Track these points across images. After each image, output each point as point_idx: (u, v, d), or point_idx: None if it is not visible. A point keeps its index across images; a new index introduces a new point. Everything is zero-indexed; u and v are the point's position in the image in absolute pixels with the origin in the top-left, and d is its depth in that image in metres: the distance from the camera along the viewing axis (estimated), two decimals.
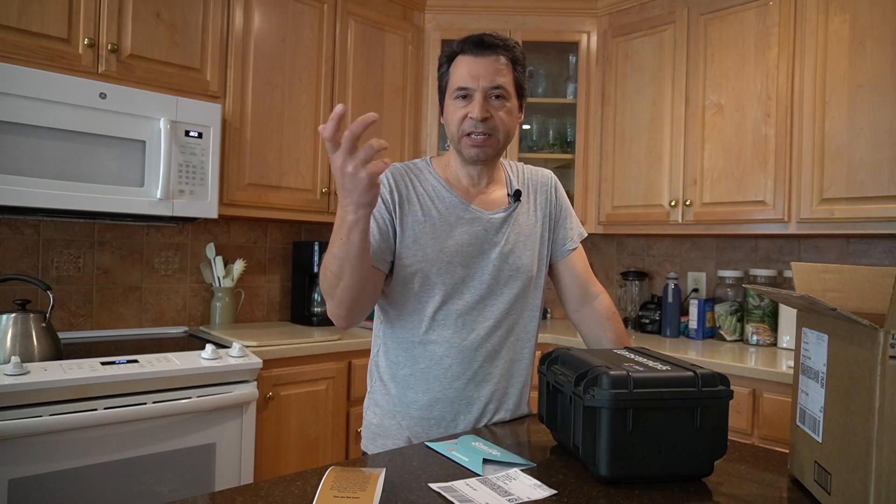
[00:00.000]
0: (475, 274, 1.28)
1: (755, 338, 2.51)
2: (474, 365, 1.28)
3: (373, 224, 1.24)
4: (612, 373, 0.92)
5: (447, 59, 1.30)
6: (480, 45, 1.25)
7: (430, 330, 1.28)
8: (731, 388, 0.96)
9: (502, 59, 1.26)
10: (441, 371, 1.28)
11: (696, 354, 2.25)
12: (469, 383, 1.28)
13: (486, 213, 1.31)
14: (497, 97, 1.25)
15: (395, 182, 1.29)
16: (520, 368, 1.35)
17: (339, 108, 0.95)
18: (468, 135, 1.26)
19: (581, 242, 1.45)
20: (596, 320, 1.40)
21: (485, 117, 1.23)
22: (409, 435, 1.29)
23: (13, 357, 1.63)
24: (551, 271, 1.43)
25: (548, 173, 1.45)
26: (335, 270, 1.12)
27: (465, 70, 1.25)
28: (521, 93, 1.31)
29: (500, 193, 1.36)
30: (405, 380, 1.30)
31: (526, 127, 3.08)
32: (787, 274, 2.55)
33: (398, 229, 1.27)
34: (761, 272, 2.57)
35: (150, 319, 2.48)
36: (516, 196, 1.35)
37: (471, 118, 1.24)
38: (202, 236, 2.61)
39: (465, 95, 1.25)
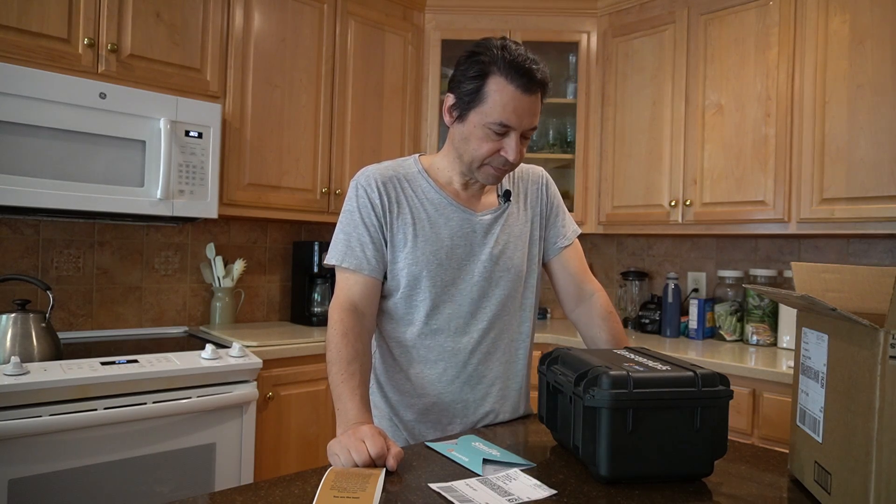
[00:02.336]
0: (466, 276, 1.27)
1: (755, 338, 2.51)
2: (469, 368, 1.27)
3: (364, 234, 1.24)
4: (612, 373, 0.92)
5: (481, 74, 1.17)
6: (532, 80, 1.16)
7: (422, 333, 1.26)
8: (731, 388, 0.95)
9: (540, 96, 1.20)
10: (436, 375, 1.27)
11: (696, 354, 2.25)
12: (464, 386, 1.27)
13: (476, 214, 1.29)
14: (527, 136, 1.22)
15: (384, 185, 1.26)
16: (515, 370, 1.34)
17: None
18: (493, 167, 1.22)
19: (581, 242, 1.43)
20: (592, 320, 1.38)
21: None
22: (407, 436, 1.29)
23: (13, 357, 1.63)
24: (546, 269, 1.42)
25: (539, 170, 1.42)
26: (329, 380, 1.18)
27: (511, 106, 1.16)
28: None
29: (490, 195, 1.34)
30: (400, 384, 1.29)
31: None
32: (787, 274, 2.55)
33: (388, 234, 1.25)
34: (761, 272, 2.57)
35: (150, 319, 2.48)
36: (506, 196, 1.33)
37: (502, 154, 1.19)
38: (202, 236, 2.61)
39: (504, 133, 1.19)
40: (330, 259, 1.26)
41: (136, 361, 1.82)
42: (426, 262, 1.24)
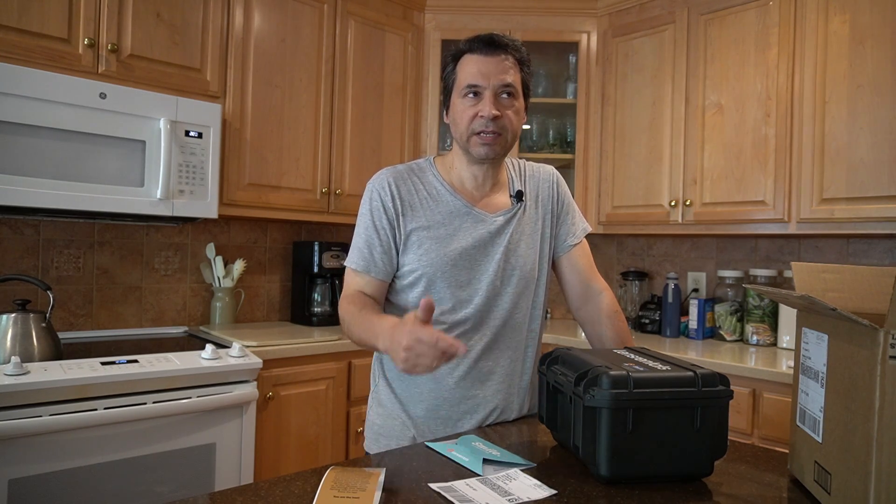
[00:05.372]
0: (481, 277, 1.29)
1: (755, 338, 2.51)
2: (479, 364, 1.29)
3: (374, 237, 1.28)
4: (612, 373, 0.92)
5: (454, 59, 1.29)
6: (491, 44, 1.25)
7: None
8: (731, 388, 0.95)
9: (511, 59, 1.26)
10: (447, 370, 1.28)
11: (696, 354, 2.25)
12: (474, 383, 1.29)
13: (490, 215, 1.31)
14: (506, 95, 1.25)
15: (398, 187, 1.29)
16: (524, 367, 1.35)
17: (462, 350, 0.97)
18: (478, 133, 1.25)
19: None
20: (598, 318, 1.39)
21: (495, 115, 1.22)
22: (415, 434, 1.29)
23: (13, 357, 1.63)
24: (554, 267, 1.43)
25: (549, 169, 1.44)
26: (357, 341, 1.21)
27: (475, 68, 1.24)
28: (526, 93, 1.31)
29: (503, 196, 1.36)
30: (410, 380, 1.31)
31: (526, 127, 3.08)
32: (787, 274, 2.55)
33: (401, 236, 1.28)
34: (761, 272, 2.57)
35: (150, 319, 2.48)
36: (518, 197, 1.35)
37: (481, 116, 1.23)
38: (202, 236, 2.61)
39: (475, 93, 1.24)
40: (348, 262, 1.32)
41: (136, 361, 1.82)
42: (439, 263, 1.26)
